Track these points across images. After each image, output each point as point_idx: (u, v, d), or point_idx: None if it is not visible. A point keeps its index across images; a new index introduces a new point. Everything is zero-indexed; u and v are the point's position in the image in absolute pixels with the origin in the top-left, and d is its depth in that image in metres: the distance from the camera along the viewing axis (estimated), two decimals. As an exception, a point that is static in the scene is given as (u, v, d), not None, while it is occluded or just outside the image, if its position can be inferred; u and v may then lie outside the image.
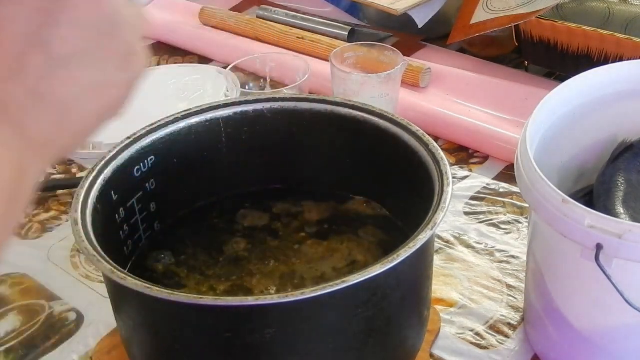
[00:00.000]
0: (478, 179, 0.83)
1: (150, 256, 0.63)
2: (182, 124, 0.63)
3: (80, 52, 0.34)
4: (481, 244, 0.75)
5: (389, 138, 0.61)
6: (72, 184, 0.83)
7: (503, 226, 0.77)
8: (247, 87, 0.90)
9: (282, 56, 0.95)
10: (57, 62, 0.33)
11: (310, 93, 0.87)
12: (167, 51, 1.15)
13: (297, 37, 1.07)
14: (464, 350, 0.64)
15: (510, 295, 0.69)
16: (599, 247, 0.49)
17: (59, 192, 0.85)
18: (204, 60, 1.11)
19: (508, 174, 0.83)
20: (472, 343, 0.64)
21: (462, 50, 1.07)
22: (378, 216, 0.65)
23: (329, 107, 0.64)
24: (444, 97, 0.94)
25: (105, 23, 0.35)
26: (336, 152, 0.65)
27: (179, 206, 0.66)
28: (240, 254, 0.63)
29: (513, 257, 0.73)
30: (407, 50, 1.03)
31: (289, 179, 0.68)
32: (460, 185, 0.82)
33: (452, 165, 0.85)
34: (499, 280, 0.70)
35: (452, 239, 0.75)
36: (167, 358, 0.54)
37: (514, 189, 0.81)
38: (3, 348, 0.66)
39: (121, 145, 0.60)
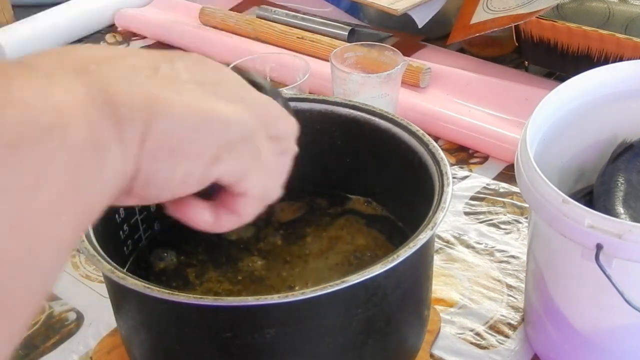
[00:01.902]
0: (478, 179, 0.83)
1: (151, 255, 0.62)
2: (182, 124, 0.63)
3: (186, 83, 0.33)
4: (481, 244, 0.75)
5: (389, 138, 0.61)
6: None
7: (503, 226, 0.77)
8: (247, 87, 0.90)
9: (282, 56, 0.95)
10: (162, 77, 0.33)
11: (310, 93, 0.87)
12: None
13: (297, 37, 1.07)
14: (464, 350, 0.64)
15: (510, 295, 0.69)
16: (599, 247, 0.49)
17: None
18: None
19: (508, 174, 0.83)
20: (472, 343, 0.64)
21: (462, 50, 1.07)
22: (378, 216, 0.65)
23: (329, 107, 0.64)
24: (444, 97, 0.94)
25: (217, 81, 0.35)
26: (336, 152, 0.65)
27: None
28: (240, 255, 0.63)
29: (513, 257, 0.73)
30: (407, 50, 1.03)
31: (289, 179, 0.68)
32: (460, 185, 0.82)
33: (452, 165, 0.85)
34: (499, 280, 0.70)
35: (452, 239, 0.75)
36: (167, 358, 0.54)
37: (514, 189, 0.81)
38: (3, 348, 0.66)
39: (121, 145, 0.60)
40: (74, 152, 0.27)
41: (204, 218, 0.37)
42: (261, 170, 0.37)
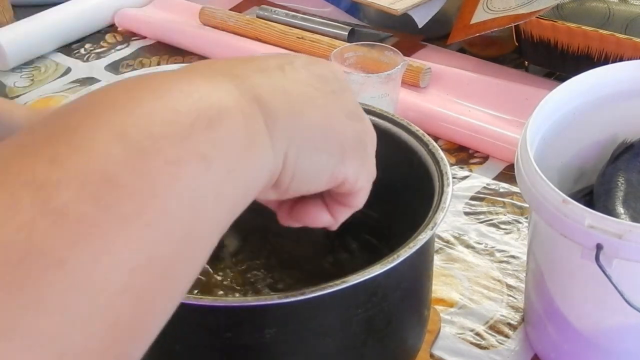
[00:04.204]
0: (478, 179, 0.83)
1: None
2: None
3: (311, 85, 0.37)
4: (481, 244, 0.75)
5: (389, 138, 0.61)
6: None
7: (503, 226, 0.77)
8: (247, 87, 0.90)
9: (282, 56, 0.94)
10: (291, 80, 0.36)
11: (310, 93, 0.87)
12: (167, 51, 1.15)
13: (297, 37, 1.07)
14: (464, 350, 0.64)
15: (510, 295, 0.69)
16: (599, 247, 0.49)
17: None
18: (204, 60, 1.11)
19: (508, 174, 0.83)
20: (472, 343, 0.64)
21: (462, 50, 1.07)
22: (377, 216, 0.65)
23: (329, 107, 0.64)
24: (444, 97, 0.94)
25: (335, 83, 0.38)
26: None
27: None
28: (241, 256, 0.63)
29: (513, 257, 0.73)
30: (407, 50, 1.03)
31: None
32: (460, 185, 0.82)
33: (452, 165, 0.85)
34: (499, 280, 0.70)
35: (452, 239, 0.75)
36: (167, 358, 0.54)
37: (514, 189, 0.81)
38: (3, 348, 0.66)
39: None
40: (234, 140, 0.31)
41: (323, 218, 0.41)
42: (369, 169, 0.41)
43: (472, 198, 0.81)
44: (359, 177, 0.40)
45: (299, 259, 0.62)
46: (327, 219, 0.42)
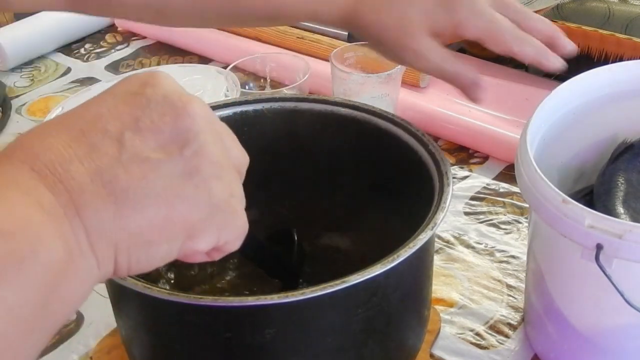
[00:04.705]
0: (478, 179, 0.83)
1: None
2: (182, 124, 0.63)
3: (153, 159, 0.33)
4: (481, 244, 0.75)
5: (389, 138, 0.61)
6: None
7: (503, 226, 0.77)
8: (247, 87, 0.90)
9: (282, 56, 0.95)
10: (128, 160, 0.32)
11: (310, 93, 0.87)
12: (167, 51, 1.15)
13: (297, 37, 1.07)
14: (464, 350, 0.64)
15: (510, 295, 0.69)
16: (599, 247, 0.49)
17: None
18: (204, 60, 1.11)
19: (508, 174, 0.83)
20: (472, 343, 0.64)
21: (462, 50, 1.07)
22: (377, 216, 0.65)
23: (329, 107, 0.64)
24: (444, 97, 0.94)
25: (185, 141, 0.34)
26: (336, 152, 0.65)
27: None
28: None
29: (513, 257, 0.73)
30: (407, 50, 1.02)
31: (288, 179, 0.68)
32: (460, 185, 0.82)
33: (452, 165, 0.85)
34: (499, 280, 0.70)
35: (452, 239, 0.75)
36: (167, 358, 0.54)
37: (514, 189, 0.81)
38: (3, 348, 0.66)
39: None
40: (49, 273, 0.29)
41: (197, 257, 0.38)
42: (236, 225, 0.37)
43: (472, 198, 0.81)
44: (219, 240, 0.36)
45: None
46: (200, 258, 0.38)
